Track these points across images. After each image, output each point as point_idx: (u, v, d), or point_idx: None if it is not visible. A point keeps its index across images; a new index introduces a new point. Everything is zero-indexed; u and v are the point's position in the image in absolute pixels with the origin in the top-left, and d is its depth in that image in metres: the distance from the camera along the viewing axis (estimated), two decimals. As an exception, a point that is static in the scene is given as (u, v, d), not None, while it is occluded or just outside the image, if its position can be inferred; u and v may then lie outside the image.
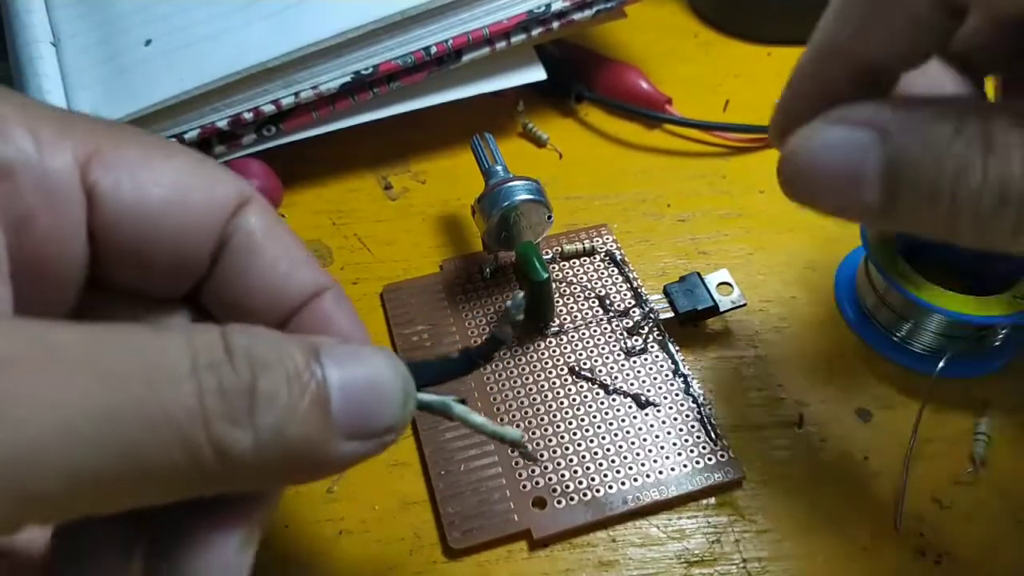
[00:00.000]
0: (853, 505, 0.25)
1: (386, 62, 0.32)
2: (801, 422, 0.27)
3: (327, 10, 0.32)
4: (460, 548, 0.24)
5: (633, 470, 0.25)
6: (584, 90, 0.38)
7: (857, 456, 0.26)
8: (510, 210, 0.28)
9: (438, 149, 0.37)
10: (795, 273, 0.32)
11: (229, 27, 0.32)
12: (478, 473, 0.25)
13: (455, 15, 0.33)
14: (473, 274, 0.31)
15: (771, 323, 0.30)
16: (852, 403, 0.28)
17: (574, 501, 0.25)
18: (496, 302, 0.30)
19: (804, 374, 0.28)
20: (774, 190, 0.35)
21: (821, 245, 0.33)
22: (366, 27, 0.31)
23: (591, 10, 0.35)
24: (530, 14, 0.34)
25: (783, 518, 0.25)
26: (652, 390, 0.27)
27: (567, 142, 0.37)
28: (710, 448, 0.26)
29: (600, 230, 0.33)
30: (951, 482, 0.25)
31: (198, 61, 0.31)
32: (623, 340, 0.29)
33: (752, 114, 0.38)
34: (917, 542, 0.24)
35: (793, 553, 0.24)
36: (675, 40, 0.43)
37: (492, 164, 0.30)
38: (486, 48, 0.34)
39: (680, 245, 0.33)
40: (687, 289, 0.29)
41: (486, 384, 0.27)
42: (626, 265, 0.31)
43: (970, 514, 0.25)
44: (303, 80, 0.32)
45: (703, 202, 0.35)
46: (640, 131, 0.38)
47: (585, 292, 0.30)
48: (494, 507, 0.24)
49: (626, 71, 0.39)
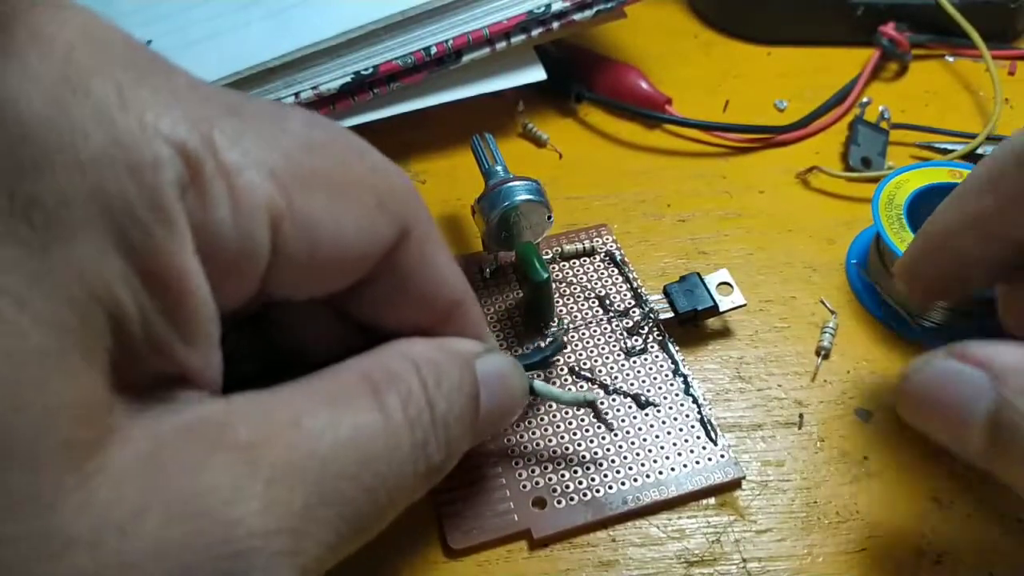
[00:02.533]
0: (852, 505, 0.25)
1: (386, 62, 0.32)
2: (801, 422, 0.27)
3: (327, 10, 0.32)
4: (460, 548, 0.24)
5: (633, 470, 0.25)
6: (584, 90, 0.38)
7: (857, 456, 0.26)
8: (510, 210, 0.28)
9: (438, 149, 0.37)
10: (795, 273, 0.32)
11: (229, 27, 0.32)
12: (478, 473, 0.25)
13: (455, 15, 0.33)
14: (473, 274, 0.31)
15: (771, 323, 0.30)
16: (852, 403, 0.28)
17: (574, 501, 0.25)
18: (496, 302, 0.30)
19: (804, 374, 0.28)
20: (774, 190, 0.35)
21: (821, 245, 0.33)
22: (366, 27, 0.31)
23: (591, 10, 0.35)
24: (530, 14, 0.34)
25: (783, 518, 0.25)
26: (652, 390, 0.27)
27: (567, 142, 0.37)
28: (710, 448, 0.26)
29: (600, 230, 0.33)
30: (952, 480, 0.25)
31: (198, 61, 0.31)
32: (623, 340, 0.29)
33: (752, 114, 0.38)
34: (917, 542, 0.24)
35: (793, 553, 0.24)
36: (675, 40, 0.43)
37: (492, 164, 0.30)
38: (486, 48, 0.34)
39: (680, 245, 0.33)
40: (687, 289, 0.29)
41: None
42: (626, 265, 0.31)
43: (970, 514, 0.25)
44: (303, 80, 0.32)
45: (703, 202, 0.35)
46: (640, 131, 0.38)
47: (585, 292, 0.30)
48: (494, 507, 0.24)
49: (626, 71, 0.39)
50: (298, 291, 0.17)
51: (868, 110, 0.38)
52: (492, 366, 0.20)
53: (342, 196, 0.17)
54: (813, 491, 0.25)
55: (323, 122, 0.17)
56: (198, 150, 0.14)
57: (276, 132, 0.16)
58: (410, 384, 0.17)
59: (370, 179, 0.18)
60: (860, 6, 0.41)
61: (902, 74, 0.41)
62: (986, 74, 0.38)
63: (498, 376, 0.20)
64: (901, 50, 0.41)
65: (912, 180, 0.31)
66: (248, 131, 0.15)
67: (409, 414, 0.17)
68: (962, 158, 0.35)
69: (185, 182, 0.14)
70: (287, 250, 0.16)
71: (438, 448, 0.18)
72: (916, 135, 0.37)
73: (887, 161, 0.36)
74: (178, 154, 0.14)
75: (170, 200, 0.13)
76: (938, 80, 0.41)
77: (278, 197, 0.15)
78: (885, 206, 0.30)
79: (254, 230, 0.15)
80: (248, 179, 0.15)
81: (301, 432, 0.15)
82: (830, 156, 0.37)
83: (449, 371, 0.19)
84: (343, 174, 0.17)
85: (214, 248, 0.14)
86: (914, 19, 0.41)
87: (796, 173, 0.36)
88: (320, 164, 0.16)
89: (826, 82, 0.40)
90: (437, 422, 0.18)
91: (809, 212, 0.34)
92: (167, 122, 0.14)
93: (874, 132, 0.37)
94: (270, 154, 0.15)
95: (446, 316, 0.20)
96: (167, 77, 0.15)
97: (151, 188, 0.13)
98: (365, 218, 0.17)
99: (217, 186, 0.14)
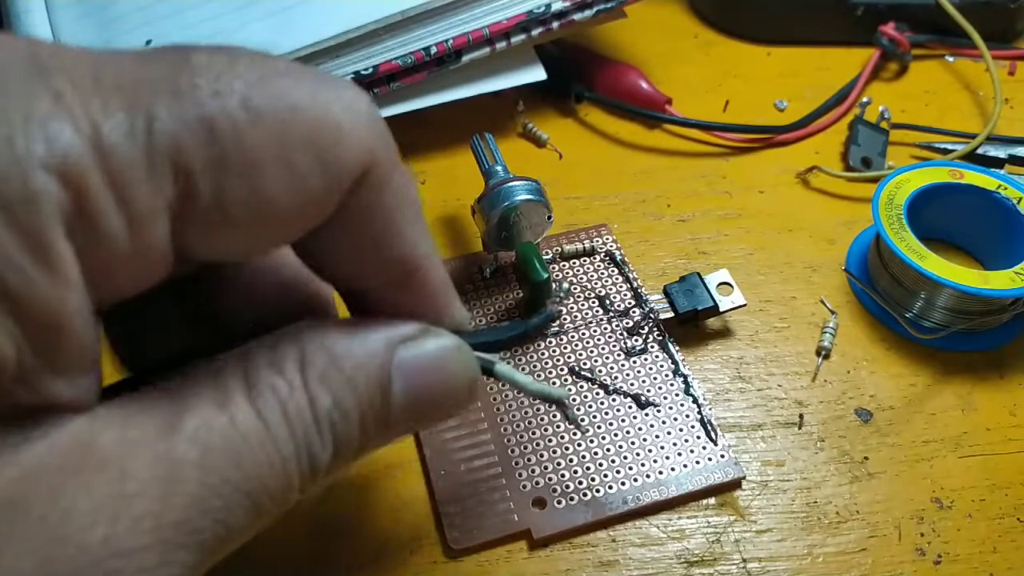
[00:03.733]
0: (852, 505, 0.25)
1: (386, 62, 0.32)
2: (801, 422, 0.27)
3: (327, 10, 0.32)
4: (460, 548, 0.24)
5: (633, 470, 0.25)
6: (584, 90, 0.38)
7: (857, 456, 0.26)
8: (510, 210, 0.28)
9: (438, 149, 0.37)
10: (795, 273, 0.32)
11: (228, 27, 0.32)
12: (478, 473, 0.25)
13: (455, 15, 0.33)
14: (473, 274, 0.31)
15: (771, 323, 0.30)
16: (852, 403, 0.28)
17: (574, 501, 0.25)
18: (496, 302, 0.30)
19: (804, 374, 0.28)
20: (774, 190, 0.35)
21: (821, 245, 0.33)
22: (366, 27, 0.31)
23: (591, 10, 0.35)
24: (530, 14, 0.34)
25: (783, 518, 0.25)
26: (652, 390, 0.27)
27: (567, 142, 0.37)
28: (710, 448, 0.26)
29: (600, 230, 0.33)
30: (952, 480, 0.25)
31: (198, 61, 0.31)
32: (623, 340, 0.29)
33: (752, 114, 0.38)
34: (917, 542, 0.24)
35: (793, 553, 0.24)
36: (675, 40, 0.43)
37: (492, 164, 0.30)
38: (486, 48, 0.34)
39: (680, 245, 0.33)
40: (687, 289, 0.29)
41: (486, 383, 0.27)
42: (626, 265, 0.31)
43: (970, 514, 0.25)
44: (303, 80, 0.32)
45: (703, 202, 0.35)
46: (640, 131, 0.38)
47: (585, 292, 0.30)
48: (494, 507, 0.24)
49: (626, 71, 0.39)
50: (228, 254, 0.16)
51: (868, 110, 0.38)
52: (419, 351, 0.18)
53: (277, 161, 0.14)
54: (813, 491, 0.25)
55: (277, 65, 0.15)
56: (81, 163, 0.12)
57: (175, 108, 0.14)
58: (291, 379, 0.16)
59: (319, 125, 0.15)
60: (860, 6, 0.41)
61: (902, 74, 0.41)
62: (986, 74, 0.38)
63: (426, 363, 0.18)
64: (901, 50, 0.41)
65: (912, 180, 0.31)
66: (138, 117, 0.13)
67: (288, 412, 0.16)
68: (962, 158, 0.35)
69: (68, 209, 0.12)
70: (199, 221, 0.14)
71: (323, 447, 0.16)
72: (916, 135, 0.37)
73: (887, 161, 0.36)
74: (57, 179, 0.12)
75: (51, 238, 0.12)
76: (938, 80, 0.41)
77: (177, 185, 0.14)
78: (885, 206, 0.30)
79: (151, 232, 0.14)
80: (139, 174, 0.13)
81: (172, 439, 0.14)
82: (830, 156, 0.37)
83: (344, 361, 0.17)
84: (281, 129, 0.14)
85: (105, 259, 0.13)
86: (914, 19, 0.41)
87: (796, 173, 0.36)
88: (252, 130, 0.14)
89: (826, 82, 0.40)
90: (321, 419, 0.16)
91: (809, 212, 0.34)
92: (43, 139, 0.12)
93: (874, 132, 0.37)
94: (179, 127, 0.13)
95: (402, 280, 0.18)
96: (47, 82, 0.13)
97: (27, 228, 0.12)
98: (299, 178, 0.15)
99: (105, 200, 0.13)
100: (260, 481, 0.15)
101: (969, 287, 0.27)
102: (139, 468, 0.14)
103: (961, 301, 0.28)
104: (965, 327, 0.28)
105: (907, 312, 0.30)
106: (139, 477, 0.14)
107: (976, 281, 0.27)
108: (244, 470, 0.15)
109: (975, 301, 0.28)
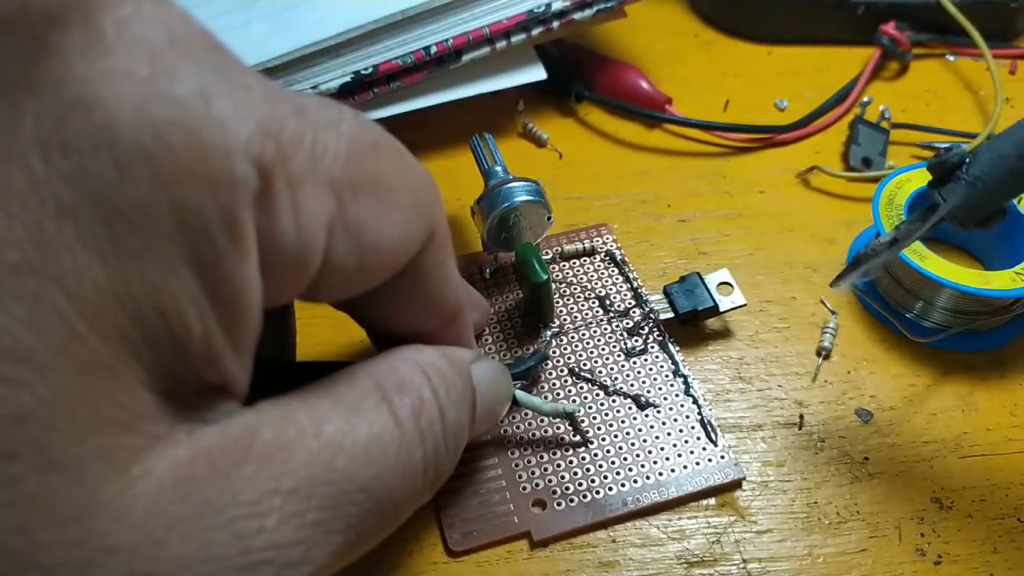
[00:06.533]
0: (852, 505, 0.25)
1: (386, 62, 0.32)
2: (801, 423, 0.27)
3: (327, 10, 0.32)
4: (460, 550, 0.24)
5: (633, 471, 0.25)
6: (584, 90, 0.38)
7: (857, 456, 0.26)
8: (510, 211, 0.28)
9: (438, 149, 0.37)
10: (795, 273, 0.32)
11: (228, 27, 0.32)
12: (478, 475, 0.25)
13: (455, 15, 0.33)
14: (473, 275, 0.31)
15: (771, 323, 0.30)
16: (852, 403, 0.28)
17: (574, 502, 0.25)
18: (496, 303, 0.30)
19: (804, 375, 0.28)
20: (774, 190, 0.35)
21: (821, 245, 0.33)
22: (366, 27, 0.31)
23: (591, 10, 0.35)
24: (530, 14, 0.34)
25: (783, 518, 0.25)
26: (652, 391, 0.27)
27: (567, 142, 0.37)
28: (710, 449, 0.26)
29: (600, 230, 0.32)
30: (952, 480, 0.25)
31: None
32: (623, 340, 0.29)
33: (752, 114, 0.38)
34: (917, 542, 0.24)
35: (793, 553, 0.24)
36: (675, 40, 0.43)
37: (492, 164, 0.30)
38: (486, 48, 0.34)
39: (680, 245, 0.33)
40: (687, 289, 0.29)
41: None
42: (626, 265, 0.31)
43: (970, 514, 0.25)
44: (303, 80, 0.32)
45: (703, 202, 0.35)
46: (640, 131, 0.38)
47: (585, 292, 0.30)
48: (494, 508, 0.24)
49: (626, 71, 0.39)
50: (333, 294, 0.17)
51: (869, 109, 0.38)
52: (485, 373, 0.21)
53: (387, 200, 0.17)
54: (813, 491, 0.25)
55: (367, 122, 0.17)
56: (272, 163, 0.14)
57: (334, 135, 0.15)
58: (422, 393, 0.18)
59: (408, 180, 0.17)
60: (861, 5, 0.41)
61: (903, 73, 0.41)
62: (987, 73, 0.38)
63: (490, 382, 0.21)
64: (902, 49, 0.41)
65: (913, 180, 0.31)
66: (309, 134, 0.15)
67: (421, 424, 0.17)
68: (963, 158, 0.35)
69: (258, 196, 0.14)
70: (335, 255, 0.16)
71: (447, 456, 0.18)
72: (917, 135, 0.37)
73: (888, 161, 0.36)
74: (255, 169, 0.14)
75: (244, 219, 0.13)
76: (939, 79, 0.41)
77: (333, 205, 0.15)
78: (885, 206, 0.30)
79: (313, 240, 0.15)
80: (310, 189, 0.15)
81: (321, 442, 0.15)
82: (830, 156, 0.37)
83: (454, 380, 0.19)
84: (387, 177, 0.17)
85: (274, 258, 0.14)
86: (915, 18, 0.41)
87: (796, 173, 0.36)
88: (369, 168, 0.16)
89: (826, 81, 0.40)
90: (448, 431, 0.18)
91: (809, 212, 0.34)
92: (246, 133, 0.13)
93: (875, 132, 0.37)
94: (330, 160, 0.15)
95: (449, 322, 0.21)
96: (241, 78, 0.14)
97: (228, 208, 0.13)
98: (403, 222, 0.17)
99: (284, 199, 0.14)
100: (391, 490, 0.16)
101: (969, 287, 0.27)
102: (296, 467, 0.15)
103: (961, 301, 0.28)
104: (965, 327, 0.28)
105: (908, 313, 0.30)
106: (296, 475, 0.15)
107: (976, 281, 0.27)
108: (380, 478, 0.16)
109: (975, 301, 0.28)
